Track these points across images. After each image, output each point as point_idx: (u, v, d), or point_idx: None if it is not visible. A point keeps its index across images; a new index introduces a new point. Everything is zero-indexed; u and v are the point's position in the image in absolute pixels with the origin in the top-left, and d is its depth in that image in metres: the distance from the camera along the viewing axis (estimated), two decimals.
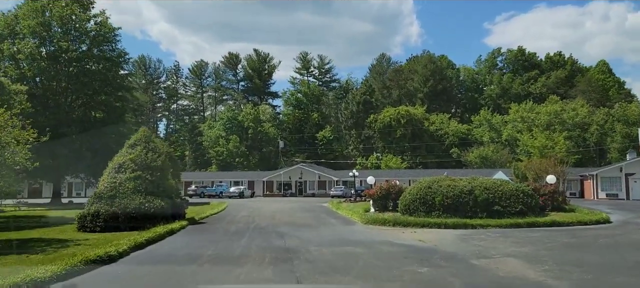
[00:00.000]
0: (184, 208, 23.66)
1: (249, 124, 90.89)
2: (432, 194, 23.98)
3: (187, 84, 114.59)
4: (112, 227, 19.01)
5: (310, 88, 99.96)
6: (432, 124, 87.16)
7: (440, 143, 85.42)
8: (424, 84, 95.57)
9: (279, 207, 35.67)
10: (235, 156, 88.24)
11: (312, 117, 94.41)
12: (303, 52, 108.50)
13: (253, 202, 46.29)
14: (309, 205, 39.19)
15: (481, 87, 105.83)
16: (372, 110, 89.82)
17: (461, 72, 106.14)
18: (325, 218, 24.50)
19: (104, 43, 49.23)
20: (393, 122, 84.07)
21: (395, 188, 26.97)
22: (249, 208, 34.89)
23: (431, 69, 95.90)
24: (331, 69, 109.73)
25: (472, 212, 23.21)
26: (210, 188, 64.37)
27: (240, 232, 18.31)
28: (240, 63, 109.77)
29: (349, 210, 28.73)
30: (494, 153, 68.24)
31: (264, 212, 29.51)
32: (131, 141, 23.02)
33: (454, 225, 19.48)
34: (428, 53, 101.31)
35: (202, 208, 34.09)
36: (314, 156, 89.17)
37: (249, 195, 63.30)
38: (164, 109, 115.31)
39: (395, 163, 75.74)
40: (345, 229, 19.26)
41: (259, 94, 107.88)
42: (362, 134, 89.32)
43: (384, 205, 27.47)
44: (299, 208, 33.76)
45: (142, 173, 21.18)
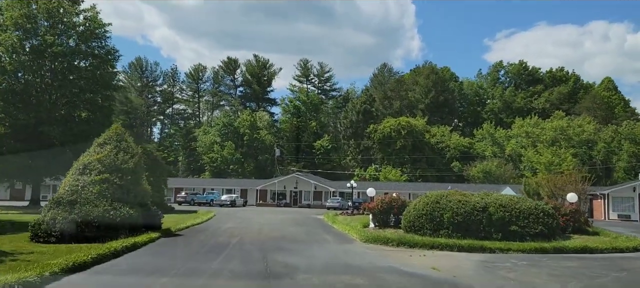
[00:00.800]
0: (160, 217, 20.87)
1: (245, 131, 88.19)
2: (441, 210, 21.26)
3: (184, 88, 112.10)
4: (70, 238, 16.24)
5: (309, 96, 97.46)
6: (433, 136, 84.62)
7: (441, 156, 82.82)
8: (426, 95, 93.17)
9: (270, 219, 32.89)
10: (230, 163, 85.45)
11: (310, 126, 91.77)
12: (303, 59, 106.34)
13: (244, 212, 43.47)
14: (303, 217, 36.39)
15: (483, 100, 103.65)
16: (372, 120, 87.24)
17: (464, 85, 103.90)
18: (320, 234, 21.72)
19: (93, 39, 46.59)
20: (393, 133, 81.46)
21: (397, 202, 24.25)
22: (237, 218, 32.11)
23: (433, 79, 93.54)
24: (331, 77, 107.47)
25: (486, 232, 20.49)
26: (200, 195, 61.53)
27: (217, 249, 15.55)
28: (239, 68, 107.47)
29: (346, 225, 25.97)
30: (497, 169, 65.56)
31: (252, 224, 26.73)
32: (100, 139, 20.30)
33: (468, 247, 16.71)
34: (430, 64, 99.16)
35: (185, 217, 31.30)
36: (310, 166, 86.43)
37: (241, 204, 60.46)
38: (159, 113, 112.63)
39: (395, 176, 73.01)
40: (342, 249, 16.50)
41: (257, 100, 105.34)
42: (361, 144, 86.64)
43: (385, 221, 24.74)
44: (291, 221, 30.97)
45: (110, 176, 18.43)
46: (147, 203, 21.09)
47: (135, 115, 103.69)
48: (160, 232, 19.42)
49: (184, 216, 33.31)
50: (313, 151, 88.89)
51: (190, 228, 23.11)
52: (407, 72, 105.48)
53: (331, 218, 32.52)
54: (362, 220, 32.12)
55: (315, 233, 22.18)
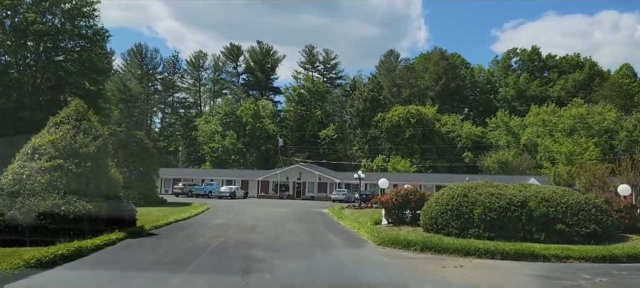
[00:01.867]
0: (131, 213, 17.37)
1: (248, 120, 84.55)
2: (469, 205, 17.66)
3: (185, 76, 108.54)
4: (8, 240, 12.77)
5: (315, 83, 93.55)
6: (444, 125, 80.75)
7: (452, 146, 78.96)
8: (436, 82, 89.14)
9: (268, 213, 29.37)
10: (231, 153, 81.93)
11: (315, 115, 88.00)
12: (309, 46, 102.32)
13: (242, 204, 40.00)
14: (305, 211, 32.85)
15: (495, 88, 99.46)
16: (379, 108, 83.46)
17: (475, 72, 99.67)
18: (323, 234, 18.13)
19: (80, 18, 42.98)
20: (402, 122, 77.65)
21: (415, 196, 20.63)
22: (231, 212, 28.60)
23: (443, 66, 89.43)
24: (337, 64, 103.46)
25: (525, 232, 16.91)
26: (198, 187, 58.09)
27: (189, 256, 12.05)
28: (241, 55, 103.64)
29: (355, 221, 22.41)
30: (514, 159, 61.66)
31: (245, 220, 23.22)
32: (57, 118, 16.76)
33: (515, 254, 13.03)
34: (440, 49, 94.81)
35: (174, 211, 27.86)
36: (315, 156, 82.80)
37: (241, 195, 57.03)
38: (160, 102, 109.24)
39: (404, 167, 69.29)
40: (353, 256, 12.92)
41: (260, 88, 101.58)
42: (368, 134, 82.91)
43: (400, 217, 21.14)
44: (292, 216, 27.44)
45: (64, 162, 14.91)
46: (117, 196, 17.62)
47: (135, 104, 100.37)
48: (129, 230, 15.92)
49: (174, 210, 29.90)
50: (318, 141, 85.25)
51: (171, 226, 19.62)
52: (416, 58, 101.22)
53: (337, 213, 28.95)
54: (372, 214, 28.57)
55: (319, 232, 18.60)
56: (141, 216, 25.08)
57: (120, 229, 15.80)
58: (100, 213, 14.94)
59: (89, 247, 12.08)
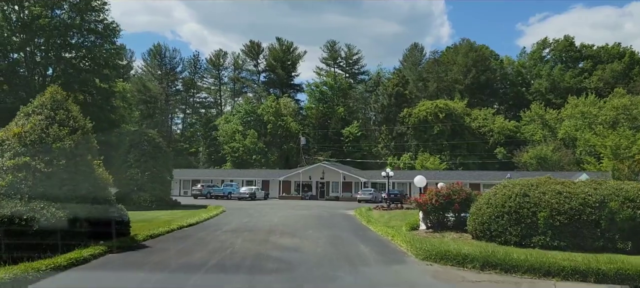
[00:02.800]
0: (122, 220, 14.51)
1: (269, 118, 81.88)
2: (531, 206, 14.30)
3: (206, 76, 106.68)
4: None
5: (337, 80, 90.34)
6: (474, 120, 76.60)
7: (484, 142, 74.81)
8: (465, 74, 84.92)
9: (288, 216, 26.37)
10: (253, 153, 79.39)
11: (337, 112, 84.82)
12: (330, 41, 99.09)
13: (260, 207, 37.14)
14: (329, 213, 29.74)
15: (527, 80, 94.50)
16: (405, 103, 79.75)
17: (505, 64, 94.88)
18: (351, 244, 14.96)
19: (89, 12, 40.87)
20: (430, 117, 73.90)
21: (460, 196, 17.29)
22: (247, 216, 25.70)
23: (472, 58, 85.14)
24: (359, 60, 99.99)
25: (606, 240, 13.50)
26: (217, 188, 55.52)
27: (173, 280, 9.04)
28: (262, 52, 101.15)
29: (387, 226, 19.24)
30: (553, 154, 57.33)
31: (261, 225, 20.25)
32: (29, 108, 14.05)
33: (618, 274, 9.58)
34: (467, 41, 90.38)
35: (185, 215, 25.16)
36: (338, 155, 79.66)
37: (262, 196, 54.27)
38: (181, 102, 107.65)
39: (433, 164, 65.56)
40: (392, 278, 9.77)
41: (281, 86, 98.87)
42: (394, 130, 79.29)
43: (441, 221, 17.86)
44: (315, 219, 24.39)
45: (32, 160, 12.13)
46: (107, 200, 14.82)
47: (155, 105, 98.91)
48: (116, 242, 13.08)
49: (186, 213, 27.19)
50: (341, 139, 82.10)
51: (172, 234, 16.76)
52: (442, 51, 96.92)
53: (365, 216, 25.75)
54: (405, 217, 25.33)
55: (345, 241, 15.44)
56: (147, 221, 22.44)
57: (107, 240, 13.04)
58: (77, 221, 12.13)
59: (39, 269, 9.13)
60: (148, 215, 26.47)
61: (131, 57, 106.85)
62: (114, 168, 36.18)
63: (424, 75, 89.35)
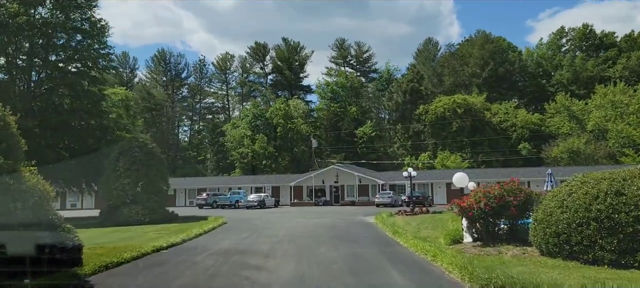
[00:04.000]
0: (67, 245, 10.66)
1: (279, 121, 78.13)
2: (632, 209, 10.17)
3: (213, 80, 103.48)
4: None
5: (348, 78, 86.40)
6: (495, 115, 72.13)
7: (506, 137, 70.28)
8: (482, 68, 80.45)
9: (297, 227, 22.49)
10: (262, 158, 75.71)
11: (350, 111, 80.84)
12: (339, 39, 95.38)
13: (269, 215, 33.30)
14: (346, 222, 25.77)
15: (548, 72, 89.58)
16: (421, 100, 75.50)
17: (524, 56, 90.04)
18: (378, 269, 10.93)
19: (74, 9, 37.35)
20: (448, 113, 69.63)
21: (518, 196, 13.22)
22: (247, 229, 21.84)
23: (489, 49, 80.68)
24: (371, 57, 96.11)
25: None
26: (223, 196, 51.84)
27: None
28: (268, 54, 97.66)
29: (419, 238, 15.26)
30: (586, 147, 52.70)
31: (261, 241, 16.38)
32: None
33: None
34: (483, 32, 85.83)
35: (181, 228, 21.63)
36: (352, 156, 75.67)
37: (271, 204, 50.49)
38: (188, 109, 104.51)
39: (454, 162, 61.24)
40: None
41: (289, 88, 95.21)
42: (410, 129, 75.03)
43: (491, 230, 13.78)
44: (329, 230, 20.46)
45: None
46: (51, 222, 11.08)
47: (160, 112, 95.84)
48: (45, 280, 9.27)
49: (179, 227, 23.56)
50: (355, 140, 78.04)
51: (143, 259, 12.94)
52: (457, 45, 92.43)
53: (388, 223, 21.74)
54: (436, 223, 21.42)
55: (370, 264, 11.43)
56: (131, 239, 18.68)
57: (40, 276, 9.27)
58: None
59: None
60: (133, 231, 22.75)
61: (135, 65, 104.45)
62: (103, 179, 32.69)
63: (439, 70, 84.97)
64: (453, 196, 51.32)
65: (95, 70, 37.98)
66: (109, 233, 22.27)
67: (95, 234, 21.11)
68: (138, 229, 24.06)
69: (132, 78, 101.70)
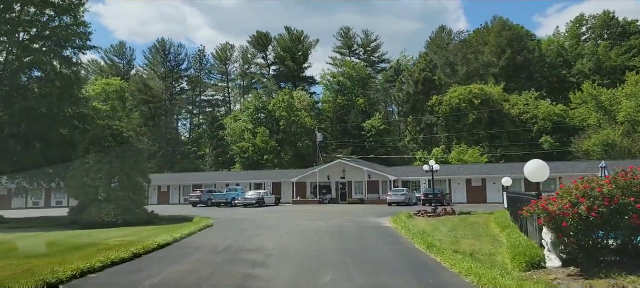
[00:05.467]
0: None
1: (281, 113, 73.21)
2: None
3: (212, 71, 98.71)
4: None
5: (355, 68, 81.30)
6: (514, 106, 66.93)
7: (526, 130, 65.07)
8: (498, 56, 75.23)
9: (295, 233, 17.68)
10: (264, 152, 70.94)
11: (357, 103, 75.77)
12: (344, 28, 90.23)
13: (266, 215, 28.46)
14: (357, 226, 20.91)
15: (568, 61, 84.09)
16: (434, 90, 70.40)
17: (542, 45, 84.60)
18: None
19: None
20: (463, 104, 64.53)
21: None
22: (231, 237, 17.04)
23: (507, 36, 75.43)
24: (379, 46, 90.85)
25: None
26: (219, 193, 47.10)
27: None
28: (270, 43, 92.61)
29: (462, 254, 10.35)
30: (623, 139, 47.48)
31: (238, 260, 11.51)
32: None
33: None
34: (500, 18, 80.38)
35: (149, 234, 16.92)
36: (359, 151, 70.66)
37: (271, 201, 45.72)
38: (187, 102, 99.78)
39: (471, 157, 56.16)
40: None
41: (292, 79, 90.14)
42: (422, 121, 69.96)
43: (592, 248, 8.79)
44: (335, 239, 15.61)
45: None
46: None
47: (158, 105, 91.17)
48: None
49: (154, 231, 18.98)
50: (362, 133, 73.00)
51: None
52: (470, 33, 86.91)
53: (412, 230, 16.77)
54: (473, 228, 16.59)
55: None
56: (77, 249, 14.09)
57: None
58: None
59: None
60: (93, 236, 17.95)
61: (132, 56, 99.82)
62: (71, 174, 27.96)
63: (452, 58, 79.69)
64: (473, 193, 46.73)
65: (70, 49, 33.22)
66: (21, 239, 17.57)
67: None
68: (97, 234, 19.23)
69: (129, 69, 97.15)
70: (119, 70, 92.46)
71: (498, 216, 20.76)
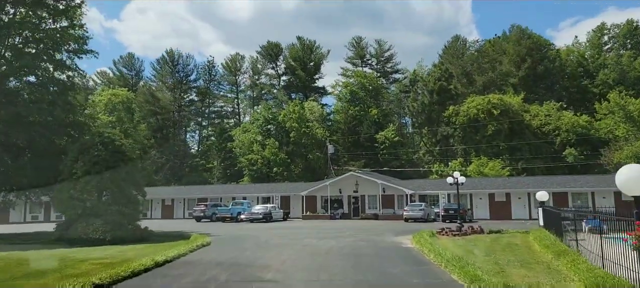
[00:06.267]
0: None
1: (292, 125, 70.66)
2: None
3: (222, 83, 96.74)
4: None
5: (367, 78, 78.73)
6: (535, 117, 63.74)
7: (548, 142, 61.78)
8: (518, 66, 72.17)
9: (301, 257, 14.98)
10: (273, 165, 68.37)
11: (370, 114, 73.03)
12: (356, 37, 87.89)
13: (271, 233, 25.77)
14: (374, 247, 18.15)
15: (590, 71, 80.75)
16: (450, 100, 67.51)
17: (562, 55, 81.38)
18: None
19: None
20: (482, 115, 61.46)
21: None
22: (227, 260, 14.43)
23: (526, 45, 72.35)
24: (392, 56, 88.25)
25: None
26: (224, 208, 44.53)
27: None
28: (281, 54, 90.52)
29: None
30: None
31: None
32: None
33: None
34: (518, 27, 77.41)
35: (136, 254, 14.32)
36: (373, 164, 67.74)
37: (280, 217, 43.02)
38: (196, 114, 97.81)
39: (492, 170, 53.04)
40: None
41: (303, 89, 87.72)
42: (438, 133, 67.00)
43: None
44: (350, 266, 12.92)
45: None
46: None
47: (167, 117, 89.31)
48: None
49: (143, 251, 16.53)
50: (375, 146, 70.13)
51: None
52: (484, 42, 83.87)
53: (442, 254, 13.96)
54: (513, 250, 13.75)
55: None
56: (36, 275, 11.58)
57: None
58: None
59: None
60: (69, 257, 15.39)
61: (141, 68, 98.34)
62: (59, 186, 25.60)
63: (468, 68, 76.73)
64: (497, 209, 43.46)
65: (65, 53, 31.07)
66: None
67: None
68: (77, 253, 16.71)
69: (137, 81, 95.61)
70: (128, 82, 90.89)
71: (539, 236, 17.89)
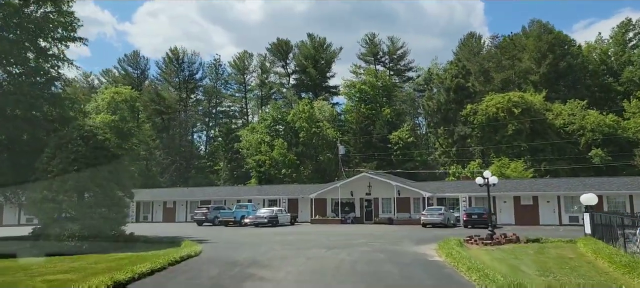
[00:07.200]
0: None
1: (302, 125, 67.71)
2: None
3: (229, 82, 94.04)
4: None
5: (379, 77, 75.53)
6: (558, 116, 60.10)
7: (572, 143, 58.10)
8: (538, 62, 68.49)
9: (306, 271, 11.89)
10: (281, 166, 65.45)
11: (383, 113, 69.76)
12: (369, 34, 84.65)
13: (275, 240, 22.74)
14: (394, 260, 15.06)
15: (614, 69, 76.77)
16: (468, 99, 64.07)
17: (584, 52, 77.48)
18: None
19: None
20: (501, 114, 57.98)
21: None
22: (211, 278, 11.24)
23: (548, 41, 68.58)
24: (405, 54, 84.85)
25: None
26: (227, 211, 41.60)
27: None
28: (291, 51, 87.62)
29: None
30: None
31: None
32: None
33: None
34: (539, 22, 73.59)
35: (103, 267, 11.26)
36: (385, 166, 64.46)
37: (286, 220, 40.07)
38: (204, 114, 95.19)
39: (514, 171, 49.56)
40: None
41: (314, 88, 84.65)
42: (455, 133, 63.57)
43: None
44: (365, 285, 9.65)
45: None
46: None
47: (172, 117, 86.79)
48: None
49: (119, 261, 13.75)
50: (388, 146, 66.85)
51: None
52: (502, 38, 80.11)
53: (484, 272, 10.80)
54: (565, 265, 10.44)
55: None
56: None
57: None
58: None
59: None
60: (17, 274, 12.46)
61: (146, 66, 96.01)
62: (34, 185, 22.79)
63: (486, 65, 73.11)
64: (523, 213, 39.86)
65: (49, 39, 28.28)
66: None
67: None
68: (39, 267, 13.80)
69: (143, 80, 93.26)
70: (133, 81, 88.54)
71: (594, 247, 14.63)
